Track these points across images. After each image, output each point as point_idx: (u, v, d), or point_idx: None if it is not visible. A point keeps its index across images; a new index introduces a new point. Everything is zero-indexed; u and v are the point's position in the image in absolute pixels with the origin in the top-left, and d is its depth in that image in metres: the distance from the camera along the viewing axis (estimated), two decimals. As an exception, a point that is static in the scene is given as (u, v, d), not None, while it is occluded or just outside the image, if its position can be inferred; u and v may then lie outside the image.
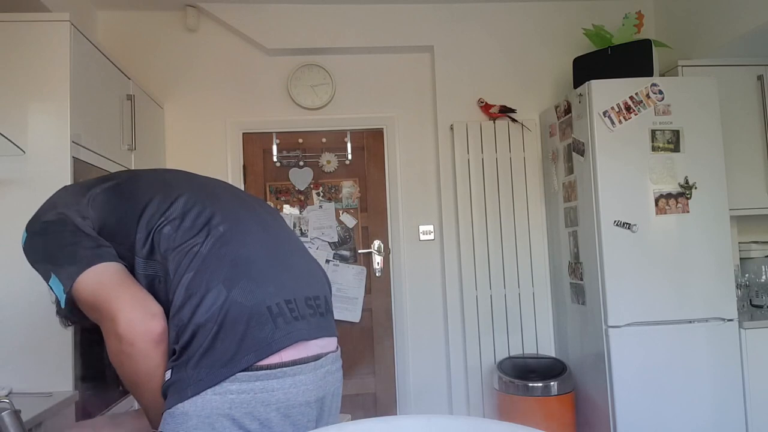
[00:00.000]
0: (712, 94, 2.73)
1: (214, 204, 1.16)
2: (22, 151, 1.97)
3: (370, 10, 3.35)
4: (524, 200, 3.32)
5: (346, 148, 3.43)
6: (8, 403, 0.91)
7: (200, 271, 1.05)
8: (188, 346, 1.01)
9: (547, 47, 3.44)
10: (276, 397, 1.02)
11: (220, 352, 1.00)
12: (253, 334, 1.02)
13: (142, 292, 1.05)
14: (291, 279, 1.14)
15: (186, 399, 0.99)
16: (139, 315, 1.00)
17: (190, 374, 1.00)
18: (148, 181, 1.18)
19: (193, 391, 0.99)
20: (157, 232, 1.09)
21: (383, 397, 3.35)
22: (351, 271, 3.35)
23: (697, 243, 2.65)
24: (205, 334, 1.01)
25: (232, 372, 1.00)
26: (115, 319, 1.00)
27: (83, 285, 1.02)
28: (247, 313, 1.03)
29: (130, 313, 1.00)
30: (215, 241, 1.09)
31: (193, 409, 0.98)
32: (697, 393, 2.60)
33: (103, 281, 1.03)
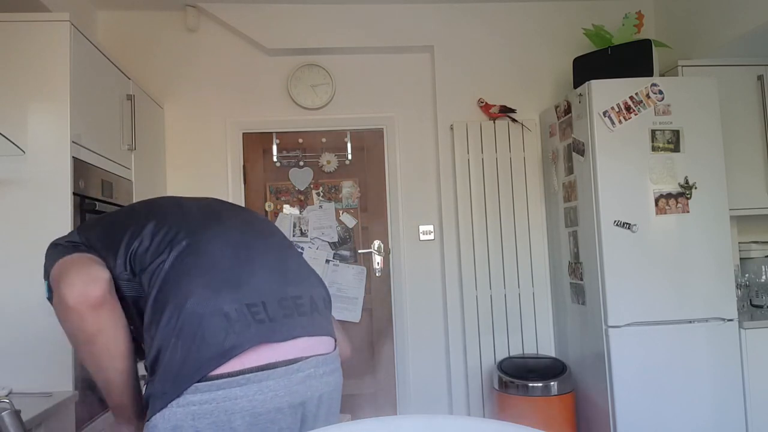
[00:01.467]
0: (712, 94, 2.73)
1: (179, 223, 1.20)
2: (22, 151, 1.97)
3: (370, 10, 3.35)
4: (524, 200, 3.32)
5: (346, 148, 3.43)
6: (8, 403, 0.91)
7: (163, 287, 1.08)
8: (156, 361, 1.05)
9: (547, 47, 3.44)
10: (240, 405, 1.01)
11: (178, 364, 1.01)
12: (207, 342, 1.02)
13: (91, 261, 1.10)
14: (261, 282, 1.12)
15: (156, 412, 1.01)
16: (82, 279, 1.05)
17: (157, 388, 1.03)
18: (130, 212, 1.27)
19: (160, 405, 1.01)
20: (132, 256, 1.14)
21: (383, 397, 3.35)
22: (351, 271, 3.35)
23: (697, 243, 2.65)
24: (167, 347, 1.03)
25: (189, 383, 1.00)
26: (59, 284, 1.05)
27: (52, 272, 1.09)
28: (199, 322, 1.03)
29: (74, 278, 1.05)
30: (177, 255, 1.12)
31: (161, 422, 1.00)
32: (697, 393, 2.60)
33: (64, 262, 1.10)
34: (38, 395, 1.82)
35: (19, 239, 1.96)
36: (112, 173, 2.43)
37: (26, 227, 1.97)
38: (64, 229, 1.98)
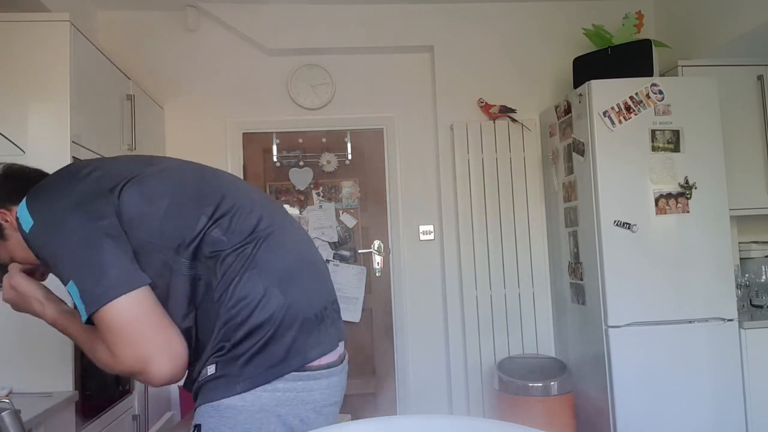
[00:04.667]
0: (712, 94, 2.73)
1: (256, 207, 1.16)
2: (22, 151, 1.97)
3: (370, 10, 3.35)
4: (524, 200, 3.32)
5: (346, 148, 3.43)
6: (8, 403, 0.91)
7: (254, 274, 1.05)
8: (239, 344, 1.03)
9: (547, 47, 3.43)
10: (313, 397, 1.07)
11: (274, 353, 1.03)
12: (304, 338, 1.07)
13: (172, 330, 1.03)
14: (322, 284, 1.19)
15: (234, 394, 1.01)
16: (170, 365, 1.00)
17: (240, 371, 1.02)
18: (184, 181, 1.15)
19: (243, 388, 1.01)
20: (206, 235, 1.06)
21: (383, 397, 3.35)
22: (351, 271, 3.35)
23: (697, 243, 2.65)
24: (261, 334, 1.03)
25: (283, 372, 1.03)
26: (145, 361, 0.97)
27: (114, 312, 0.97)
28: (300, 318, 1.07)
29: (162, 362, 0.98)
30: (265, 246, 1.10)
31: (242, 404, 1.01)
32: (697, 393, 2.60)
33: (137, 315, 0.98)
34: (38, 395, 1.82)
35: (19, 239, 1.96)
36: (112, 173, 2.42)
37: (26, 227, 1.97)
38: (64, 229, 1.97)
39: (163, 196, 1.08)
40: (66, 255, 0.99)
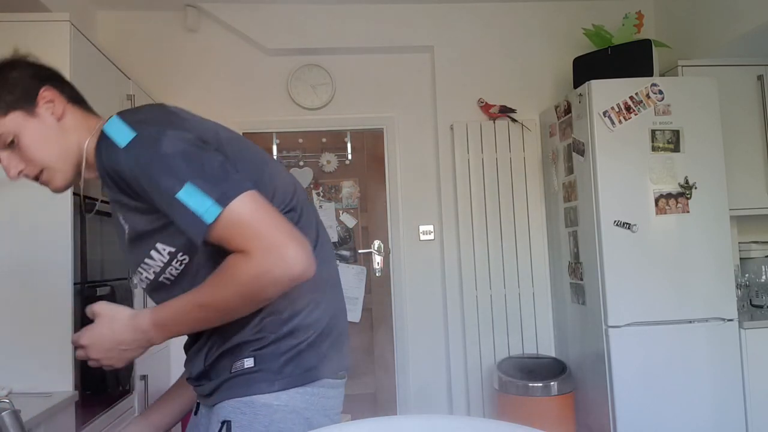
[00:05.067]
0: (712, 94, 2.73)
1: (313, 212, 1.14)
2: (22, 151, 1.96)
3: (370, 10, 3.35)
4: (524, 200, 3.32)
5: (346, 148, 3.43)
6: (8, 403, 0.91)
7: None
8: (282, 340, 1.01)
9: (547, 47, 3.43)
10: (330, 404, 1.09)
11: (313, 357, 1.04)
12: (339, 347, 1.10)
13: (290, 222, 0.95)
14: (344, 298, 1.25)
15: (271, 392, 0.99)
16: (303, 251, 0.89)
17: (280, 369, 1.00)
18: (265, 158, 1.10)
19: (280, 386, 1.00)
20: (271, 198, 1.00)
21: (383, 397, 3.35)
22: (351, 271, 3.35)
23: (697, 243, 2.65)
24: (305, 336, 1.03)
25: (318, 377, 1.04)
26: (279, 250, 0.88)
27: (240, 206, 0.89)
28: (338, 329, 1.12)
29: (295, 247, 0.88)
30: (320, 250, 1.09)
31: (277, 403, 0.99)
32: (697, 393, 2.60)
33: (260, 207, 0.91)
34: (38, 395, 1.82)
35: (18, 239, 1.96)
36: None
37: (26, 227, 1.97)
38: (64, 229, 1.97)
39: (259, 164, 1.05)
40: (180, 157, 0.91)
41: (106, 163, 0.94)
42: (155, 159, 0.91)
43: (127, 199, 0.97)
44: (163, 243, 0.98)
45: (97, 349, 0.98)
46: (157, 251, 0.99)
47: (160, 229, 0.97)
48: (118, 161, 0.93)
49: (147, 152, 0.91)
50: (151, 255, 1.00)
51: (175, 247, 0.98)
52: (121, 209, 1.00)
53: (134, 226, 1.00)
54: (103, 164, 0.95)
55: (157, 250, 0.99)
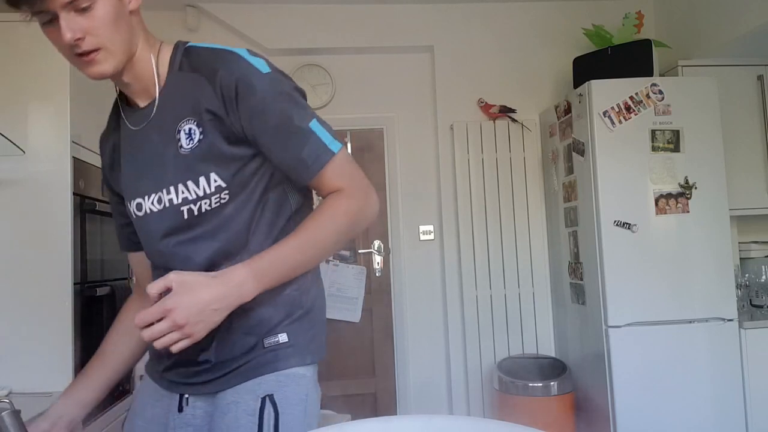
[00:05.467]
0: (712, 94, 2.73)
1: None
2: (22, 151, 1.97)
3: (370, 10, 3.35)
4: (524, 200, 3.32)
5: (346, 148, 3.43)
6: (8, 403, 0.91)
7: None
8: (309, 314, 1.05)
9: (547, 47, 3.43)
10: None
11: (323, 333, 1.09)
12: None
13: None
14: None
15: (304, 365, 1.02)
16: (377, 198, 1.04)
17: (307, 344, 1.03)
18: None
19: (312, 359, 1.03)
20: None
21: (383, 397, 3.35)
22: (351, 271, 3.35)
23: (697, 243, 2.65)
24: (320, 314, 1.08)
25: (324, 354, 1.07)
26: (372, 191, 1.02)
27: (345, 151, 1.02)
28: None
29: (376, 196, 1.03)
30: None
31: (309, 375, 1.02)
32: (697, 393, 2.60)
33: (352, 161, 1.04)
34: (38, 395, 1.82)
35: (19, 239, 1.96)
36: (112, 173, 2.42)
37: (26, 227, 1.97)
38: (64, 229, 1.97)
39: None
40: (304, 99, 1.01)
41: (239, 74, 0.94)
42: (291, 94, 0.98)
43: (225, 115, 0.95)
44: (218, 175, 0.97)
45: (185, 312, 0.86)
46: (206, 179, 0.97)
47: (228, 159, 0.97)
48: (257, 79, 0.95)
49: (285, 86, 0.98)
50: (198, 181, 0.97)
51: (226, 183, 0.97)
52: (204, 122, 0.96)
53: (207, 145, 0.96)
54: (233, 74, 0.94)
55: (208, 179, 0.97)
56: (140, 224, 1.06)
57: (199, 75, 0.97)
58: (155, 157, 1.01)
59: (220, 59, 0.97)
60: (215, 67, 0.95)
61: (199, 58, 0.99)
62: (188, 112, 0.97)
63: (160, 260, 1.04)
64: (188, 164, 0.97)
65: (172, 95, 1.00)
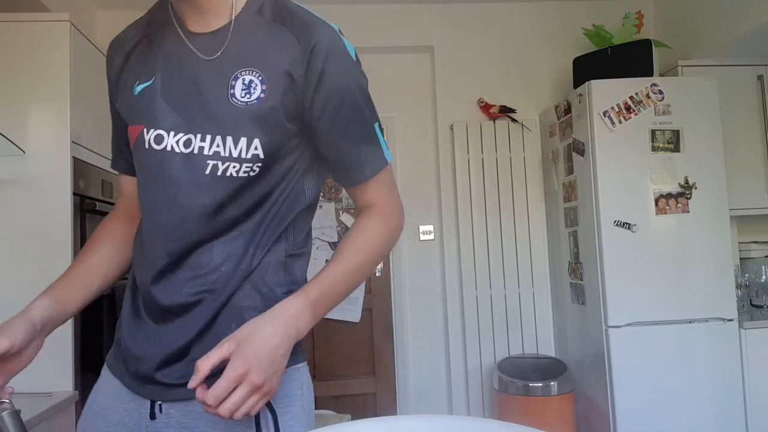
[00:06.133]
0: (712, 94, 2.73)
1: None
2: (22, 151, 1.97)
3: (370, 10, 3.35)
4: (524, 200, 3.32)
5: (346, 148, 3.43)
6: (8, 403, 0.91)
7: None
8: None
9: (547, 47, 3.43)
10: None
11: None
12: None
13: None
14: None
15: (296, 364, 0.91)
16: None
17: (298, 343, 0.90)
18: None
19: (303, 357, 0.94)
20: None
21: (383, 397, 3.35)
22: (351, 271, 3.35)
23: (697, 243, 2.65)
24: None
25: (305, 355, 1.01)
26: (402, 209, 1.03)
27: (391, 168, 1.01)
28: None
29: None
30: None
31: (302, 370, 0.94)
32: (698, 393, 2.60)
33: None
34: (38, 395, 1.82)
35: (19, 239, 1.96)
36: (112, 173, 2.42)
37: (26, 227, 1.97)
38: (64, 229, 1.97)
39: None
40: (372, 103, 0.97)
41: (334, 49, 0.87)
42: (367, 90, 0.93)
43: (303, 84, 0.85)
44: (261, 143, 0.85)
45: (260, 369, 0.75)
46: (247, 141, 0.84)
47: (278, 131, 0.86)
48: (348, 62, 0.88)
49: (364, 81, 0.93)
50: (238, 140, 0.84)
51: (264, 155, 0.85)
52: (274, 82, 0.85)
53: (267, 107, 0.84)
54: (329, 46, 0.86)
55: (249, 142, 0.84)
56: (152, 159, 0.89)
57: (287, 30, 0.86)
58: (200, 94, 0.87)
59: (318, 25, 0.87)
60: (312, 30, 0.86)
61: (291, 12, 0.88)
62: (257, 62, 0.85)
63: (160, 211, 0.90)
64: (235, 118, 0.84)
65: (244, 36, 0.87)
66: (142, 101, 0.91)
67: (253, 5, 0.89)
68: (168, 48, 0.92)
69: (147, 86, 0.91)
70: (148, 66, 0.93)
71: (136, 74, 0.94)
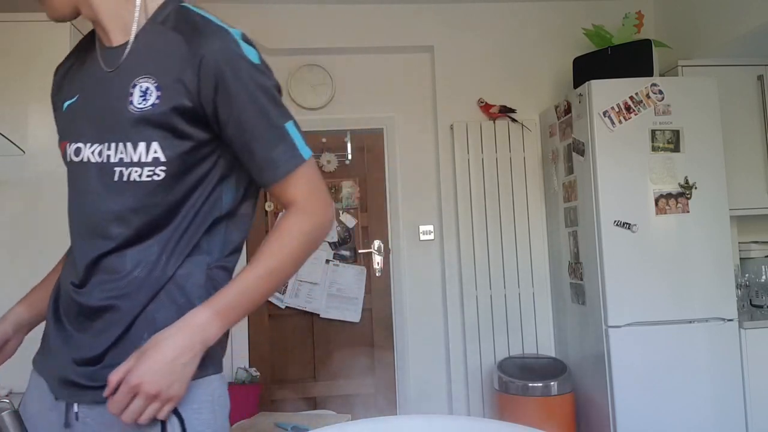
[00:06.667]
0: (712, 94, 2.73)
1: None
2: (22, 151, 1.97)
3: (370, 10, 3.35)
4: (524, 200, 3.32)
5: (346, 148, 3.43)
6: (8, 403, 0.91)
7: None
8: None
9: (547, 47, 3.43)
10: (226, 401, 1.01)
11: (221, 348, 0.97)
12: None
13: None
14: None
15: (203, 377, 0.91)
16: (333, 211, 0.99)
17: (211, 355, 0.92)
18: None
19: (213, 371, 0.93)
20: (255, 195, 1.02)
21: (383, 397, 3.35)
22: (351, 271, 3.35)
23: (697, 243, 2.65)
24: None
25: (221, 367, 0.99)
26: (331, 204, 0.97)
27: (313, 161, 0.97)
28: None
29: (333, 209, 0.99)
30: None
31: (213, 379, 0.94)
32: (698, 393, 2.60)
33: (317, 170, 0.99)
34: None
35: (19, 239, 1.96)
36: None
37: (26, 227, 1.97)
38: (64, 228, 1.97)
39: None
40: (282, 100, 0.96)
41: (226, 56, 0.88)
42: (273, 91, 0.93)
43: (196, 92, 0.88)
44: (160, 147, 0.89)
45: (153, 379, 0.80)
46: (146, 146, 0.89)
47: (179, 135, 0.89)
48: (244, 66, 0.90)
49: (269, 82, 0.93)
50: (137, 144, 0.89)
51: (166, 158, 0.89)
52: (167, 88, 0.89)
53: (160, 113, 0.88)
54: (220, 54, 0.88)
55: (148, 146, 0.89)
56: (74, 171, 0.97)
57: (181, 38, 0.89)
58: (108, 105, 0.92)
59: (211, 32, 0.90)
60: (203, 38, 0.88)
61: (188, 21, 0.91)
62: (153, 70, 0.90)
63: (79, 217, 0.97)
64: (133, 124, 0.89)
65: (144, 46, 0.92)
66: (68, 117, 1.00)
67: (159, 16, 0.94)
68: (88, 65, 1.00)
69: (71, 103, 0.99)
70: (75, 84, 1.00)
71: (66, 93, 1.02)
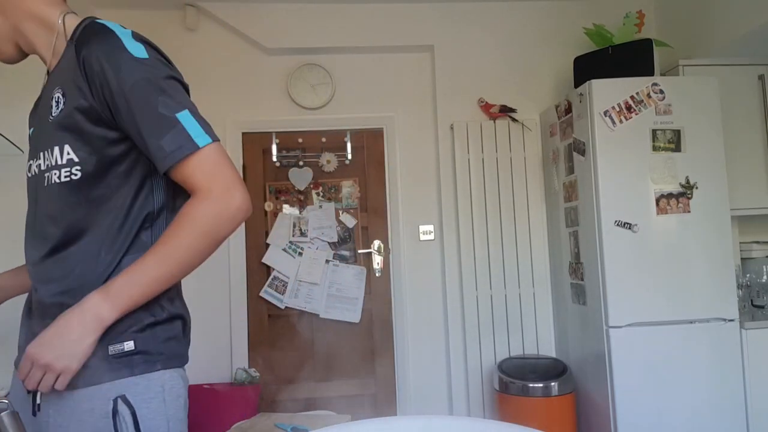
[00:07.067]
0: (713, 93, 2.72)
1: None
2: (21, 151, 1.97)
3: (370, 10, 3.35)
4: (524, 200, 3.32)
5: (345, 147, 3.43)
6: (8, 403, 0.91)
7: None
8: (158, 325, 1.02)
9: (547, 47, 3.43)
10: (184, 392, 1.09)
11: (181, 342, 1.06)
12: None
13: None
14: None
15: (153, 371, 1.00)
16: (247, 196, 1.00)
17: (158, 352, 1.01)
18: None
19: (162, 366, 1.01)
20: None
21: (383, 397, 3.35)
22: (351, 271, 3.35)
23: (698, 243, 2.65)
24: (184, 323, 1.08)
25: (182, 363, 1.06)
26: (237, 189, 0.97)
27: (217, 148, 0.99)
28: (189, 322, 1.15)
29: (245, 192, 0.99)
30: None
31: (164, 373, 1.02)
32: (698, 394, 2.60)
33: (224, 153, 1.00)
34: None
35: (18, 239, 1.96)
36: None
37: (26, 227, 1.96)
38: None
39: None
40: (181, 89, 1.01)
41: (104, 54, 0.96)
42: (162, 82, 0.97)
43: (88, 92, 0.97)
44: (72, 148, 0.99)
45: (41, 351, 0.91)
46: (60, 149, 0.99)
47: (87, 136, 0.98)
48: (125, 61, 0.96)
49: (157, 73, 0.98)
50: (54, 149, 1.00)
51: (79, 159, 0.98)
52: (69, 93, 0.99)
53: (64, 115, 0.99)
54: (98, 52, 0.96)
55: (61, 149, 0.99)
56: (28, 185, 1.10)
57: (74, 46, 0.99)
58: (42, 121, 1.05)
59: (94, 35, 0.98)
60: (85, 41, 0.97)
61: (83, 32, 1.00)
62: (62, 81, 1.01)
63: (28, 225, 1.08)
64: (52, 131, 1.00)
65: (61, 63, 1.03)
66: (31, 142, 1.11)
67: (74, 35, 1.02)
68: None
69: (33, 129, 1.11)
70: (36, 110, 1.12)
71: (30, 120, 1.14)
